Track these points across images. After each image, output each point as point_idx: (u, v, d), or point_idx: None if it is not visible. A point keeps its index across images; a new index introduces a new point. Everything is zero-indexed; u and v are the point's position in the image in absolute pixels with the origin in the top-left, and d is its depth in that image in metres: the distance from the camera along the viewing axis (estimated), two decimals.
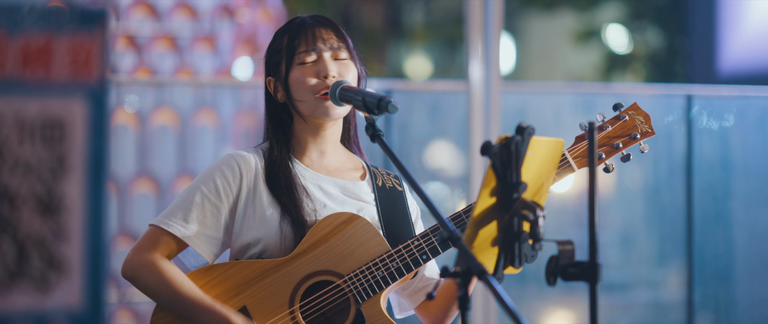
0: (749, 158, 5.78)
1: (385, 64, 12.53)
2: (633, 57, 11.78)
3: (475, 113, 5.09)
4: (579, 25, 11.77)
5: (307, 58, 2.49)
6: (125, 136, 5.51)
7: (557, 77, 12.16)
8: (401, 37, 12.76)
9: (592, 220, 1.94)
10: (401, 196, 2.62)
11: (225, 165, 2.48)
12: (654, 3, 11.83)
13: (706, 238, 5.74)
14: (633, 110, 2.53)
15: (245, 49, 6.28)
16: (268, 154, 2.52)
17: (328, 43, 2.50)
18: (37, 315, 1.39)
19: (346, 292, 2.43)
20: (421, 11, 12.97)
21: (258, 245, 2.45)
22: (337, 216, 2.45)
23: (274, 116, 2.55)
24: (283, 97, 2.53)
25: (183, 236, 2.43)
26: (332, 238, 2.44)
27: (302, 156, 2.54)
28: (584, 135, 2.50)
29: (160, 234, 2.45)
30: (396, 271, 2.44)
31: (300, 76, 2.48)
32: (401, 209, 2.59)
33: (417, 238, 2.46)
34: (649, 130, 2.52)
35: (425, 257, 2.45)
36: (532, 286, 5.58)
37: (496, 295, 1.86)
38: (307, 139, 2.54)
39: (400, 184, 2.65)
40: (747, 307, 5.83)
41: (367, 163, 2.63)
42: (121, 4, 6.01)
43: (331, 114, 2.48)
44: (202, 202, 2.45)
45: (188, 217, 2.43)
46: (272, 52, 2.55)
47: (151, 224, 2.46)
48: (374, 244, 2.45)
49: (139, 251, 2.43)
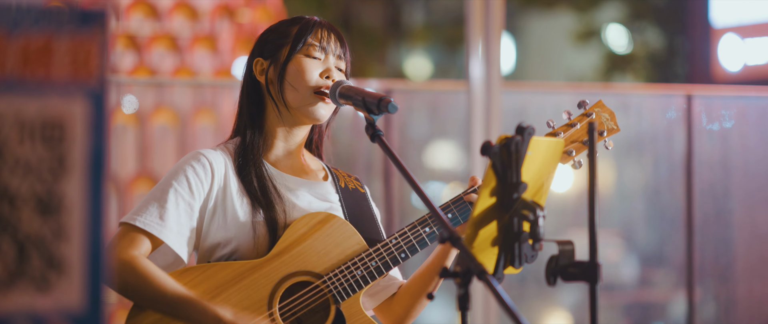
0: (749, 158, 5.78)
1: (385, 64, 12.53)
2: (633, 57, 11.78)
3: (475, 113, 5.09)
4: (579, 25, 11.78)
5: (314, 52, 2.47)
6: (125, 136, 5.51)
7: (557, 77, 12.17)
8: (401, 38, 12.76)
9: (592, 220, 1.94)
10: (364, 197, 2.60)
11: (195, 161, 2.41)
12: (654, 3, 11.83)
13: (706, 238, 5.74)
14: (599, 108, 2.55)
15: (245, 49, 6.28)
16: (241, 150, 2.47)
17: (336, 50, 2.49)
18: (37, 315, 1.39)
19: (325, 293, 2.41)
20: (421, 11, 12.97)
21: (229, 245, 2.41)
22: (313, 216, 2.43)
23: (253, 100, 2.50)
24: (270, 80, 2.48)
25: (160, 234, 2.35)
26: (309, 238, 2.41)
27: (268, 153, 2.50)
28: (554, 132, 2.52)
29: (134, 232, 2.35)
30: (375, 269, 2.42)
31: (303, 65, 2.45)
32: (366, 210, 2.57)
33: (395, 236, 2.45)
34: (614, 126, 2.54)
35: (404, 255, 2.44)
36: (532, 286, 5.58)
37: (496, 295, 1.86)
38: (276, 134, 2.50)
39: (362, 186, 2.63)
40: (747, 307, 5.83)
41: (327, 165, 2.61)
42: (121, 4, 6.01)
43: (318, 114, 2.46)
44: (176, 199, 2.37)
45: (163, 215, 2.36)
46: (274, 36, 2.51)
47: (124, 222, 2.36)
48: (352, 244, 2.43)
49: (114, 250, 2.32)
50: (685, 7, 10.48)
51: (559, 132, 2.53)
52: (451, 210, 2.47)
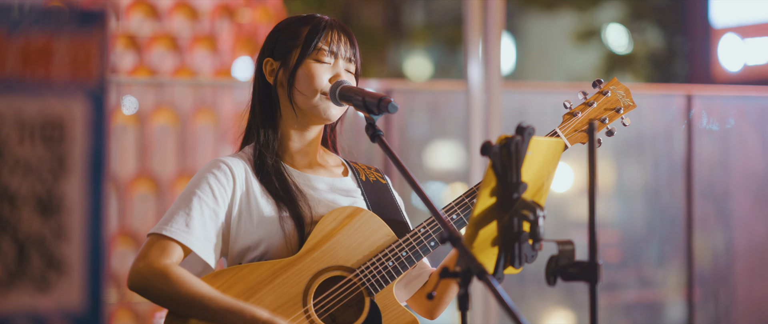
0: (749, 158, 5.78)
1: (385, 64, 12.53)
2: (633, 57, 11.78)
3: (475, 113, 5.09)
4: (579, 25, 11.78)
5: (324, 56, 2.47)
6: (125, 136, 5.51)
7: (557, 77, 12.17)
8: (401, 38, 12.76)
9: (592, 220, 1.94)
10: (386, 188, 2.61)
11: (216, 169, 2.44)
12: (654, 3, 11.83)
13: (706, 238, 5.74)
14: (613, 85, 2.56)
15: (245, 49, 6.28)
16: (257, 152, 2.49)
17: (346, 52, 2.50)
18: (37, 315, 1.39)
19: (359, 286, 2.42)
20: (421, 11, 12.98)
21: (259, 247, 2.43)
22: (341, 211, 2.44)
23: (265, 101, 2.51)
24: (279, 82, 2.50)
25: (186, 242, 2.36)
26: (338, 233, 2.43)
27: (284, 153, 2.52)
28: (572, 112, 2.52)
29: (164, 242, 2.37)
30: (406, 259, 2.44)
31: (312, 71, 2.46)
32: (390, 201, 2.58)
33: (422, 225, 2.46)
34: (631, 102, 2.55)
35: (433, 243, 2.44)
36: (532, 286, 5.58)
37: (496, 295, 1.86)
38: (290, 134, 2.51)
39: (383, 177, 2.64)
40: (747, 307, 5.83)
41: (346, 160, 2.62)
42: (121, 4, 6.01)
43: (329, 114, 2.47)
44: (200, 207, 2.39)
45: (189, 223, 2.38)
46: (285, 36, 2.51)
47: (152, 233, 2.39)
48: (381, 236, 2.45)
49: (146, 260, 2.35)
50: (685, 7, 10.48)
51: (576, 112, 2.53)
52: (455, 212, 2.48)
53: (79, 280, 1.42)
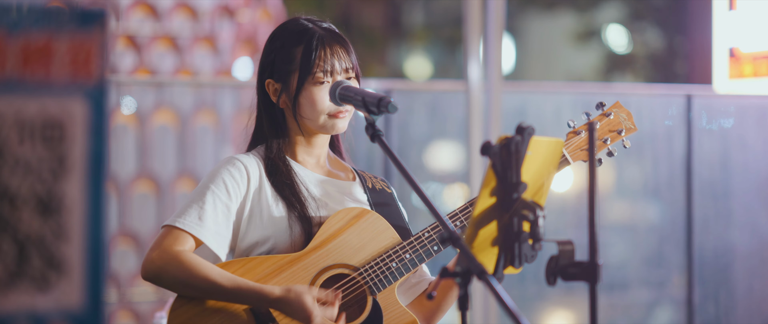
0: (749, 158, 5.78)
1: (385, 64, 12.53)
2: (633, 57, 11.78)
3: (475, 113, 5.09)
4: (579, 25, 11.78)
5: (322, 77, 2.51)
6: (125, 136, 5.51)
7: (557, 77, 12.17)
8: (401, 38, 12.76)
9: (592, 220, 1.94)
10: (392, 196, 2.67)
11: (231, 166, 2.51)
12: (654, 3, 11.83)
13: (706, 238, 5.74)
14: (616, 108, 2.65)
15: (245, 49, 6.29)
16: (267, 158, 2.55)
17: (342, 63, 2.52)
18: (37, 315, 1.39)
19: (362, 284, 2.48)
20: (421, 11, 12.98)
21: (266, 243, 2.49)
22: (349, 211, 2.51)
23: (272, 118, 2.57)
24: (283, 104, 2.55)
25: (198, 234, 2.44)
26: (345, 232, 2.49)
27: (294, 157, 2.58)
28: (576, 131, 2.60)
29: (177, 232, 2.45)
30: (409, 262, 2.50)
31: (314, 97, 2.50)
32: (394, 209, 2.64)
33: (427, 230, 2.51)
34: (632, 126, 2.64)
35: (436, 248, 2.50)
36: (532, 286, 5.58)
37: (496, 295, 1.86)
38: (300, 141, 2.58)
39: (389, 186, 2.70)
40: (747, 307, 5.83)
41: (354, 168, 2.68)
42: (121, 4, 6.01)
43: (337, 129, 2.53)
44: (213, 201, 2.47)
45: (202, 216, 2.45)
46: (280, 59, 2.55)
47: (166, 225, 2.46)
48: (386, 237, 2.51)
49: (160, 248, 2.42)
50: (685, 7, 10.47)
51: (580, 131, 2.60)
52: (458, 218, 2.53)
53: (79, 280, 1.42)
